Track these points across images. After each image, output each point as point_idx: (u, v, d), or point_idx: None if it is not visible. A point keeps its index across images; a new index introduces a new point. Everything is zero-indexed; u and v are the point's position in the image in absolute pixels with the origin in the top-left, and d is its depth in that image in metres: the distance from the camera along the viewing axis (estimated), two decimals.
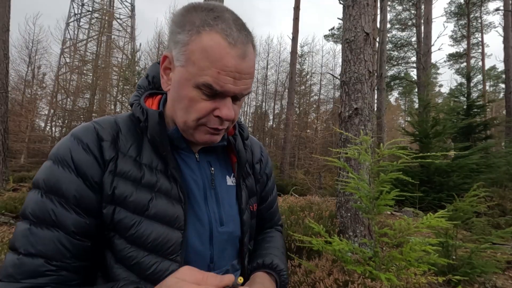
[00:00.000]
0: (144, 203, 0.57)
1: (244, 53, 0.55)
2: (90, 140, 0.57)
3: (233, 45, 0.54)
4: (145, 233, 0.56)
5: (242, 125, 0.77)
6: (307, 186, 10.89)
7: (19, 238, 0.52)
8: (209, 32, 0.54)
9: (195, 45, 0.54)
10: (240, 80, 0.56)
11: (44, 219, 0.53)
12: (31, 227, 0.52)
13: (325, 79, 22.58)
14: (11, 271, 0.50)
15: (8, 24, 6.88)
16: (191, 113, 0.58)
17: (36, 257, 0.51)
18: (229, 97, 0.58)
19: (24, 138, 14.91)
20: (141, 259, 0.56)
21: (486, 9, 22.73)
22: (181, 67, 0.57)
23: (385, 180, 1.86)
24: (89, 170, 0.55)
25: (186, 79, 0.56)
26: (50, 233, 0.52)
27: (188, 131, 0.61)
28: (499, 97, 27.32)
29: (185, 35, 0.55)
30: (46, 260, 0.51)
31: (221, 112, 0.57)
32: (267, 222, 0.87)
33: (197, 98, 0.56)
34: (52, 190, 0.54)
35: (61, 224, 0.53)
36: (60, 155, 0.56)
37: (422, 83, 12.57)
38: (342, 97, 4.08)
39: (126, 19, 28.13)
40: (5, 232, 3.78)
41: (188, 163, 0.66)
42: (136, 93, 0.68)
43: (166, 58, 0.61)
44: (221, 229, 0.65)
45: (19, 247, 0.52)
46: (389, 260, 1.84)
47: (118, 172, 0.57)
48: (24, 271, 0.50)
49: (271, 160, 0.94)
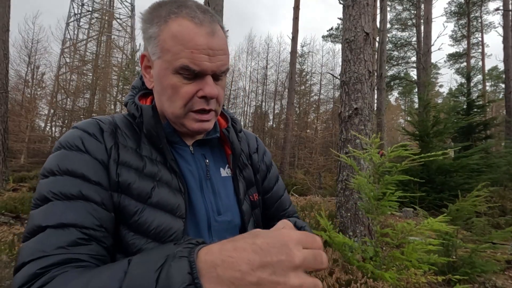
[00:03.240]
0: (147, 190, 0.58)
1: (212, 30, 0.58)
2: (95, 131, 0.59)
3: (200, 25, 0.57)
4: (147, 220, 0.57)
5: (235, 119, 0.78)
6: (307, 186, 10.89)
7: (40, 217, 0.49)
8: (175, 19, 0.57)
9: (165, 34, 0.57)
10: (214, 57, 0.58)
11: (68, 193, 0.51)
12: (55, 202, 0.50)
13: (325, 79, 22.62)
14: (38, 247, 0.46)
15: (8, 24, 6.88)
16: (176, 100, 0.60)
17: (68, 227, 0.48)
18: (209, 75, 0.59)
19: (24, 138, 14.91)
20: (143, 246, 0.56)
21: (486, 9, 22.78)
22: (158, 59, 0.60)
23: (390, 181, 1.86)
24: (100, 154, 0.57)
25: (165, 69, 0.58)
26: (79, 203, 0.51)
27: (178, 121, 0.62)
28: (499, 97, 27.33)
29: (155, 28, 0.59)
30: (79, 229, 0.49)
31: (204, 91, 0.59)
32: (280, 212, 0.84)
33: (178, 84, 0.58)
34: (69, 171, 0.53)
35: (87, 196, 0.52)
36: (70, 142, 0.56)
37: (422, 83, 12.58)
38: (342, 97, 4.08)
39: (126, 19, 28.15)
40: (5, 232, 3.78)
41: (183, 155, 0.67)
42: (131, 93, 0.71)
43: (144, 57, 0.64)
44: (219, 218, 0.66)
45: (43, 221, 0.48)
46: (389, 260, 1.84)
47: (121, 161, 0.58)
48: (56, 243, 0.47)
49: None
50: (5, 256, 2.84)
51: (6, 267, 2.64)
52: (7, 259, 2.79)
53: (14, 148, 14.46)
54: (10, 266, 2.69)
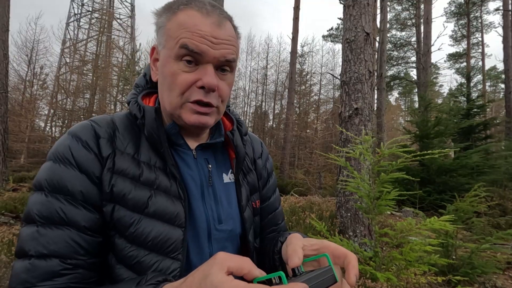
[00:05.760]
0: (144, 200, 0.56)
1: (219, 21, 0.57)
2: (88, 137, 0.57)
3: (206, 15, 0.57)
4: (144, 232, 0.55)
5: (241, 121, 0.76)
6: (307, 186, 10.89)
7: (27, 242, 0.50)
8: (183, 10, 0.58)
9: (172, 23, 0.58)
10: (218, 45, 0.56)
11: (52, 218, 0.51)
12: (39, 228, 0.51)
13: (325, 79, 22.62)
14: (24, 277, 0.48)
15: (7, 24, 6.88)
16: (174, 89, 0.58)
17: (50, 258, 0.49)
18: (210, 64, 0.57)
19: (24, 138, 14.90)
20: (141, 258, 0.55)
21: (486, 9, 22.75)
22: (163, 49, 0.59)
23: (385, 180, 1.86)
24: (90, 166, 0.55)
25: (168, 56, 0.58)
26: (61, 231, 0.51)
27: (175, 112, 0.60)
28: (499, 97, 27.32)
29: (163, 18, 0.60)
30: (61, 260, 0.50)
31: (202, 80, 0.56)
32: (271, 226, 0.79)
33: (178, 72, 0.57)
34: (56, 188, 0.53)
35: (72, 221, 0.52)
36: (60, 154, 0.55)
37: (422, 83, 12.57)
38: (342, 97, 4.07)
39: (126, 19, 28.14)
40: (5, 232, 3.78)
41: (185, 160, 0.64)
42: (134, 91, 0.68)
43: (154, 50, 0.64)
44: (219, 227, 0.64)
45: (29, 250, 0.50)
46: (389, 260, 1.83)
47: (116, 170, 0.56)
48: (40, 274, 0.48)
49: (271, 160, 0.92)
50: (4, 256, 2.84)
51: (6, 267, 2.64)
52: (6, 259, 2.79)
53: (14, 148, 14.45)
54: (10, 266, 2.69)
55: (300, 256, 0.47)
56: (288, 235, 0.60)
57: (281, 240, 0.64)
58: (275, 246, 0.65)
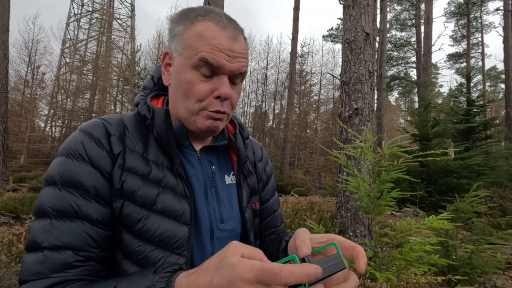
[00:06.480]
0: (152, 197, 0.58)
1: (235, 36, 0.60)
2: (100, 135, 0.59)
3: (224, 28, 0.59)
4: (152, 228, 0.57)
5: (242, 125, 0.78)
6: (307, 186, 10.89)
7: (40, 235, 0.51)
8: (201, 21, 0.60)
9: (189, 32, 0.60)
10: (234, 58, 0.59)
11: (66, 211, 0.52)
12: (53, 221, 0.52)
13: (325, 79, 22.61)
14: (37, 268, 0.49)
15: (7, 24, 6.88)
16: (191, 97, 0.60)
17: (63, 250, 0.51)
18: (226, 76, 0.60)
19: (24, 138, 14.90)
20: (148, 254, 0.56)
21: (486, 9, 22.76)
22: (179, 56, 0.61)
23: (386, 180, 1.86)
24: (102, 163, 0.57)
25: (184, 64, 0.60)
26: (75, 224, 0.52)
27: (191, 118, 0.62)
28: (499, 97, 27.31)
29: (181, 26, 0.61)
30: (74, 251, 0.51)
31: (219, 91, 0.59)
32: (270, 228, 0.82)
33: (195, 80, 0.59)
34: (69, 183, 0.54)
35: (85, 214, 0.53)
36: (72, 149, 0.56)
37: (422, 83, 12.57)
38: (342, 97, 4.08)
39: (126, 19, 28.14)
40: (5, 232, 3.78)
41: (190, 160, 0.67)
42: (142, 93, 0.71)
43: (167, 55, 0.66)
44: (221, 227, 0.66)
45: (42, 242, 0.51)
46: (389, 260, 1.83)
47: (126, 167, 0.58)
48: (53, 266, 0.50)
49: (271, 161, 0.93)
50: (4, 256, 2.84)
51: (6, 267, 2.64)
52: (6, 260, 2.79)
53: (14, 148, 14.46)
54: (10, 266, 2.69)
55: (308, 246, 0.47)
56: (292, 234, 0.62)
57: (286, 239, 0.67)
58: (280, 245, 0.68)
